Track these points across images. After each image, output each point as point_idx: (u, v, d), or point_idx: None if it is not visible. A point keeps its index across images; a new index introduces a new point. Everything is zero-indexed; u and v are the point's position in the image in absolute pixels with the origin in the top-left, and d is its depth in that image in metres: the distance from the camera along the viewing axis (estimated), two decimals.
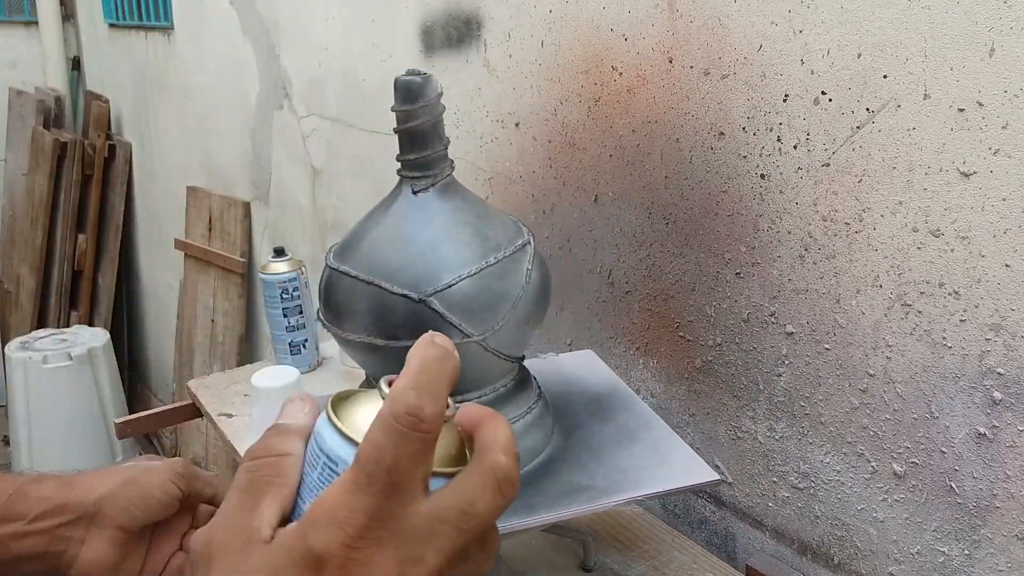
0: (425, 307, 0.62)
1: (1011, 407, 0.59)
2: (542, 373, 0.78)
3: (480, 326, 0.63)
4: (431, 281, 0.62)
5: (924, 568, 0.67)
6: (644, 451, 0.66)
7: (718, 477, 0.62)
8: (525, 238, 0.68)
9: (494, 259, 0.63)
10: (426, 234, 0.65)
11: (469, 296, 0.62)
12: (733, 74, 0.74)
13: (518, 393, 0.69)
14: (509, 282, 0.64)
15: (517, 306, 0.64)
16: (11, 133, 3.31)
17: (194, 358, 2.40)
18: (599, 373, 0.80)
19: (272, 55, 1.75)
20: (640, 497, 0.62)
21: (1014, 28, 0.55)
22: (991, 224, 0.58)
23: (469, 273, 0.62)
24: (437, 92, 0.65)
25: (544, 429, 0.70)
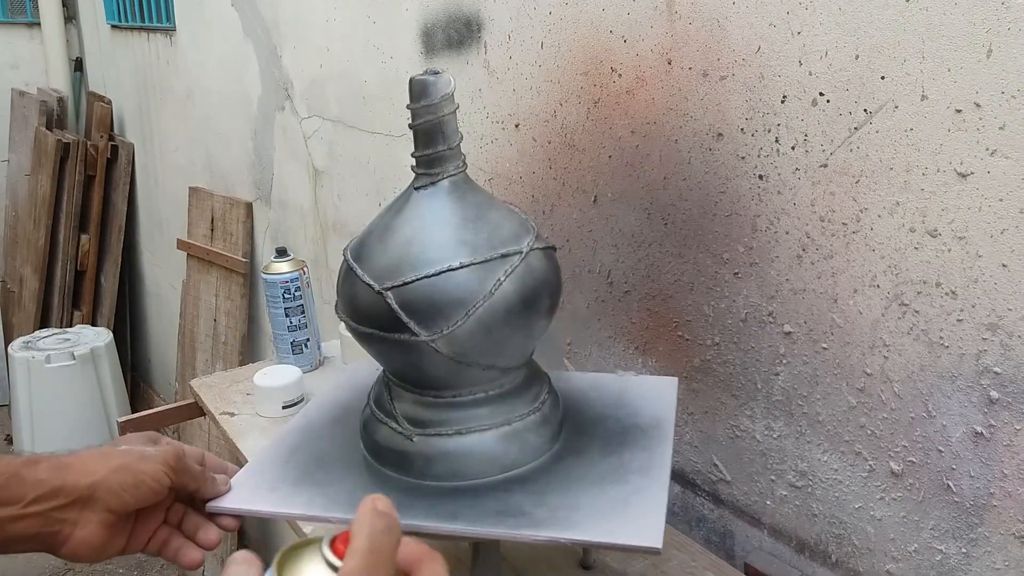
0: (382, 299, 0.64)
1: (1008, 406, 0.59)
2: (603, 390, 0.77)
3: (430, 328, 0.63)
4: (394, 276, 0.64)
5: (921, 566, 0.67)
6: (614, 496, 0.62)
7: (657, 547, 0.56)
8: (519, 248, 0.65)
9: (459, 264, 0.63)
10: (408, 230, 0.66)
11: (423, 296, 0.63)
12: (731, 75, 0.74)
13: (512, 399, 0.68)
14: (470, 289, 0.63)
15: (472, 314, 0.62)
16: (14, 134, 3.32)
17: (196, 357, 2.40)
18: (659, 405, 0.75)
19: (274, 56, 1.76)
20: (561, 540, 0.59)
21: (1011, 29, 0.55)
22: (988, 224, 0.58)
23: (427, 274, 0.63)
24: (442, 93, 0.66)
25: (525, 443, 0.67)
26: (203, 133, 2.30)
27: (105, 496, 0.54)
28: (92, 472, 0.54)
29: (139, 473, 0.55)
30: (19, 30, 3.42)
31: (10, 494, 0.51)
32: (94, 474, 0.54)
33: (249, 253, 2.15)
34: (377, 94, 1.39)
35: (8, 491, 0.51)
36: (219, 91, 2.12)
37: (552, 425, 0.70)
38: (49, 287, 3.08)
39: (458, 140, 0.67)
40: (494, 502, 0.63)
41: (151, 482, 0.55)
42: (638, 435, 0.70)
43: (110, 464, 0.54)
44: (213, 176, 2.30)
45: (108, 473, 0.54)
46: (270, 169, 1.92)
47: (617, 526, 0.59)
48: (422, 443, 0.66)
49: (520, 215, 0.70)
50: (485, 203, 0.69)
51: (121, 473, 0.54)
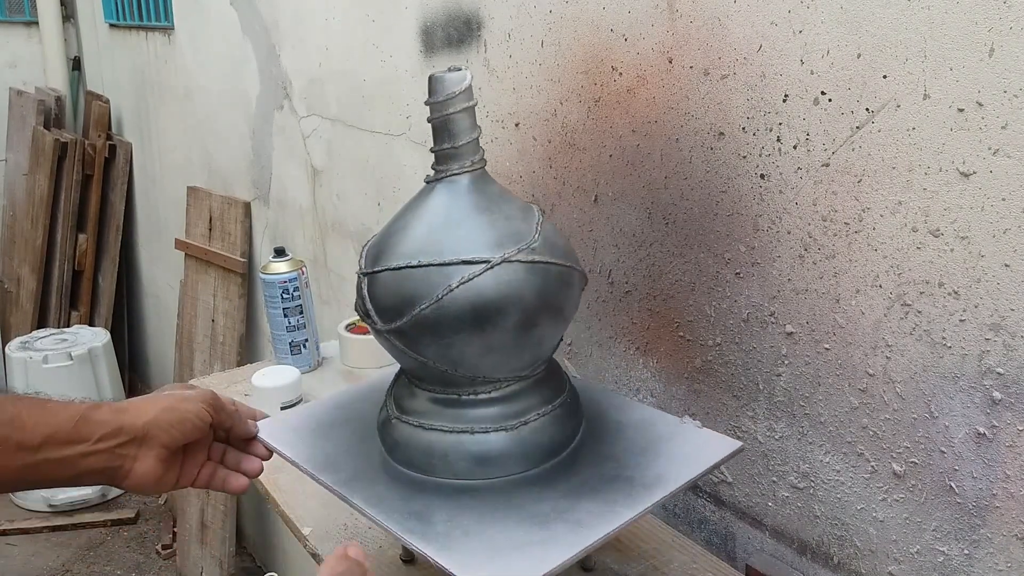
0: (359, 282, 0.69)
1: (1011, 407, 0.59)
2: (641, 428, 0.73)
3: (386, 320, 0.66)
4: (374, 263, 0.67)
5: (923, 568, 0.67)
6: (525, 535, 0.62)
7: (741, 444, 0.65)
8: (486, 257, 0.63)
9: (417, 263, 0.64)
10: (402, 222, 0.68)
11: (386, 287, 0.66)
12: (733, 74, 0.74)
13: (518, 402, 0.68)
14: (422, 291, 0.63)
15: (418, 315, 0.62)
16: (11, 133, 3.31)
17: (194, 358, 2.40)
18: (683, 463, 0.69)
19: (272, 55, 1.75)
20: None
21: (1013, 28, 0.55)
22: (990, 224, 0.58)
23: (391, 266, 0.65)
24: (448, 91, 0.66)
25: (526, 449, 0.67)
26: (201, 132, 2.29)
27: (157, 433, 0.62)
28: (145, 413, 0.62)
29: (184, 411, 0.63)
30: (17, 29, 3.41)
31: (81, 433, 0.59)
32: (147, 414, 0.62)
33: (247, 253, 2.15)
34: (376, 93, 1.39)
35: (79, 431, 0.59)
36: (218, 90, 2.12)
37: (558, 433, 0.69)
38: (47, 287, 3.07)
39: (466, 139, 0.67)
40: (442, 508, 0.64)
41: (194, 419, 0.64)
42: (622, 485, 0.65)
43: (158, 406, 0.63)
44: (211, 175, 2.30)
45: (158, 413, 0.62)
46: (268, 168, 1.92)
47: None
48: (426, 436, 0.67)
49: (525, 222, 0.68)
50: (485, 204, 0.68)
51: (169, 412, 0.63)
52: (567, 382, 0.74)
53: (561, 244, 0.70)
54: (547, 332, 0.67)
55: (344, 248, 1.62)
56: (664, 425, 0.73)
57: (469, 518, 0.62)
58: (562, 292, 0.68)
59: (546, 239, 0.67)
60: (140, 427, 0.61)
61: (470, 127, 0.67)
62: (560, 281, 0.67)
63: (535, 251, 0.66)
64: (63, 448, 0.59)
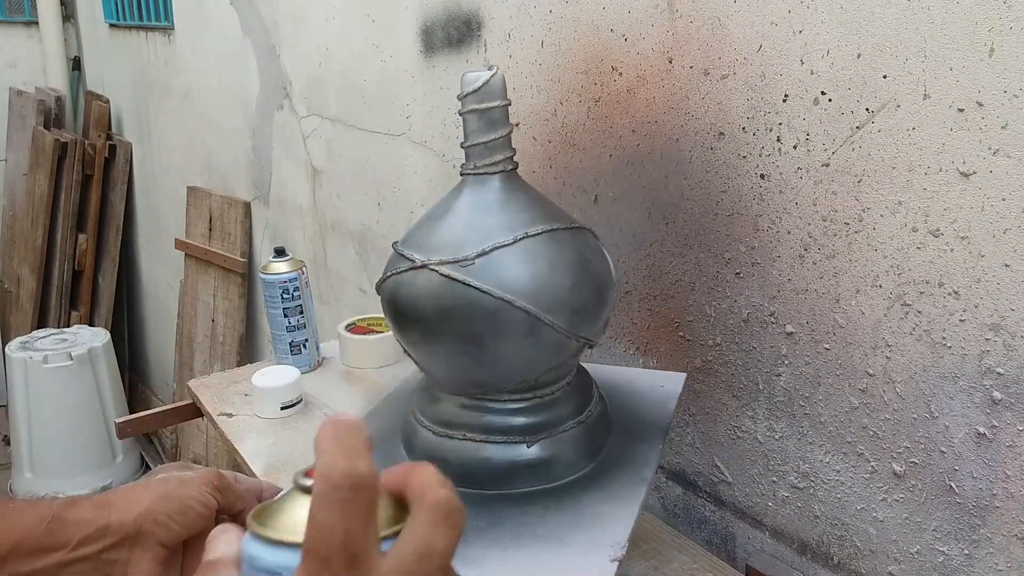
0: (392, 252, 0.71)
1: (1011, 407, 0.59)
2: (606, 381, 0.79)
3: None
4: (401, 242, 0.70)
5: (924, 568, 0.67)
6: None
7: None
8: (422, 259, 0.64)
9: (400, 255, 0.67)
10: (434, 211, 0.70)
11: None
12: (733, 74, 0.74)
13: (549, 411, 0.68)
14: (403, 295, 0.66)
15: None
16: (11, 133, 3.31)
17: (194, 358, 2.40)
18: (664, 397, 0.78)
19: (272, 55, 1.75)
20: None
21: (1014, 28, 0.55)
22: (991, 224, 0.58)
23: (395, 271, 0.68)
24: (464, 92, 0.66)
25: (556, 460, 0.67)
26: (201, 132, 2.29)
27: (153, 528, 0.50)
28: (136, 505, 0.51)
29: (184, 498, 0.52)
30: (17, 29, 3.41)
31: (55, 539, 0.48)
32: (138, 506, 0.51)
33: (247, 253, 2.14)
34: (376, 93, 1.39)
35: (53, 536, 0.48)
36: (218, 90, 2.12)
37: (593, 440, 0.69)
38: (47, 287, 3.07)
39: (475, 140, 0.67)
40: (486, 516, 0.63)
41: (198, 506, 0.52)
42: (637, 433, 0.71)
43: (152, 494, 0.52)
44: (211, 175, 2.30)
45: (152, 504, 0.51)
46: (268, 168, 1.91)
47: None
48: (449, 446, 0.67)
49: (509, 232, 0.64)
50: (483, 205, 0.67)
51: (166, 502, 0.51)
52: (596, 390, 0.74)
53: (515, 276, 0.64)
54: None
55: (344, 248, 1.62)
56: None
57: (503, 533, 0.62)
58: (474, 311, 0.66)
59: None
60: (131, 523, 0.50)
61: (475, 128, 0.67)
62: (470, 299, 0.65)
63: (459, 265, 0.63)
64: (33, 559, 0.47)
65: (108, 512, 0.50)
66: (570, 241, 0.67)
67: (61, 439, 2.67)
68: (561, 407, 0.69)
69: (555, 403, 0.69)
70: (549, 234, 0.65)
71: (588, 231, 0.70)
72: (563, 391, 0.70)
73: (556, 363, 0.67)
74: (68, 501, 0.50)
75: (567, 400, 0.70)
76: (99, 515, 0.50)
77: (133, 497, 0.51)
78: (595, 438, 0.70)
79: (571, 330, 0.64)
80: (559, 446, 0.67)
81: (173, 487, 0.53)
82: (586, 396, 0.72)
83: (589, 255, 0.67)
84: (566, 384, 0.70)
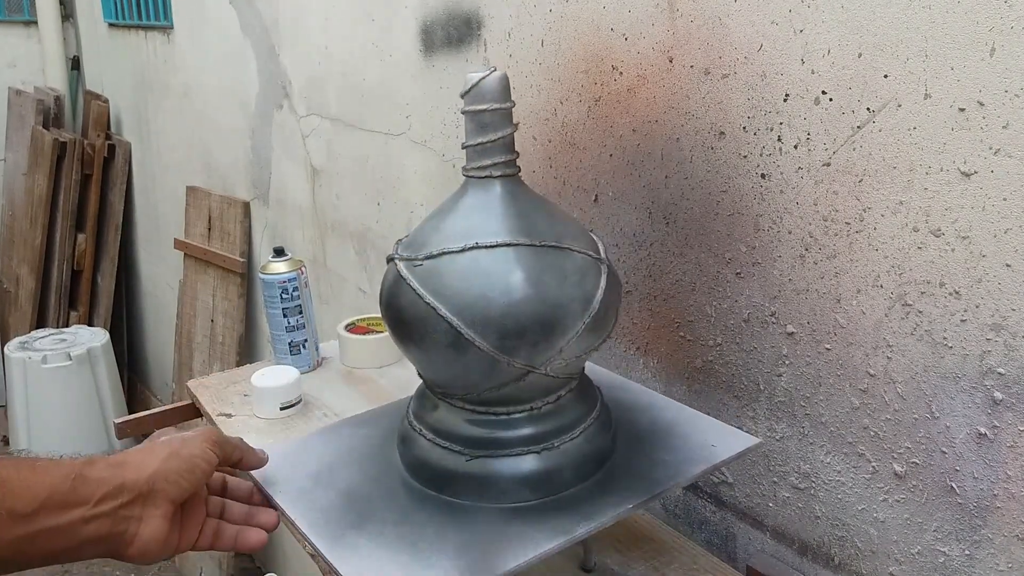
0: None
1: (1012, 407, 0.59)
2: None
3: None
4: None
5: (924, 568, 0.67)
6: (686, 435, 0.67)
7: (760, 440, 0.67)
8: (410, 255, 0.65)
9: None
10: (436, 210, 0.69)
11: None
12: (733, 74, 0.74)
13: (550, 421, 0.67)
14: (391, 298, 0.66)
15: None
16: (10, 133, 3.31)
17: (193, 358, 2.40)
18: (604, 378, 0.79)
19: (272, 54, 1.75)
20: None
21: (1015, 28, 0.54)
22: (992, 224, 0.58)
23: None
24: (462, 92, 0.66)
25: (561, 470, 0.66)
26: (200, 132, 2.29)
27: (164, 486, 0.54)
28: (147, 465, 0.54)
29: (190, 457, 0.56)
30: (16, 28, 3.41)
31: (80, 494, 0.51)
32: (149, 466, 0.54)
33: (247, 253, 2.14)
34: (376, 92, 1.39)
35: (77, 492, 0.51)
36: (217, 90, 2.12)
37: (595, 450, 0.68)
38: (45, 287, 3.07)
39: (469, 141, 0.66)
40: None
41: (202, 463, 0.56)
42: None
43: (160, 455, 0.55)
44: (210, 175, 2.29)
45: (161, 463, 0.54)
46: (268, 168, 1.91)
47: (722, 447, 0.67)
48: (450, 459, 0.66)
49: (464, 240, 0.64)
50: (473, 209, 0.66)
51: (174, 460, 0.55)
52: (599, 396, 0.72)
53: None
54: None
55: (344, 248, 1.62)
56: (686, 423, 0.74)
57: None
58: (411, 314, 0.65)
59: None
60: (144, 481, 0.53)
61: (471, 128, 0.66)
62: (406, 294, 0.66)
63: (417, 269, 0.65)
64: (61, 514, 0.50)
65: (124, 471, 0.53)
66: (532, 260, 0.63)
67: (60, 439, 2.67)
68: (542, 424, 0.66)
69: (542, 418, 0.66)
70: (506, 248, 0.62)
71: (578, 253, 0.65)
72: (550, 407, 0.66)
73: (496, 383, 0.63)
74: (87, 460, 0.53)
75: (547, 419, 0.67)
76: (116, 473, 0.53)
77: (143, 458, 0.55)
78: (591, 458, 0.67)
79: (503, 352, 0.61)
80: (544, 461, 0.65)
81: (179, 446, 0.56)
82: (579, 415, 0.68)
83: (550, 279, 0.62)
84: (550, 402, 0.67)
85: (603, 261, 0.66)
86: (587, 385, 0.72)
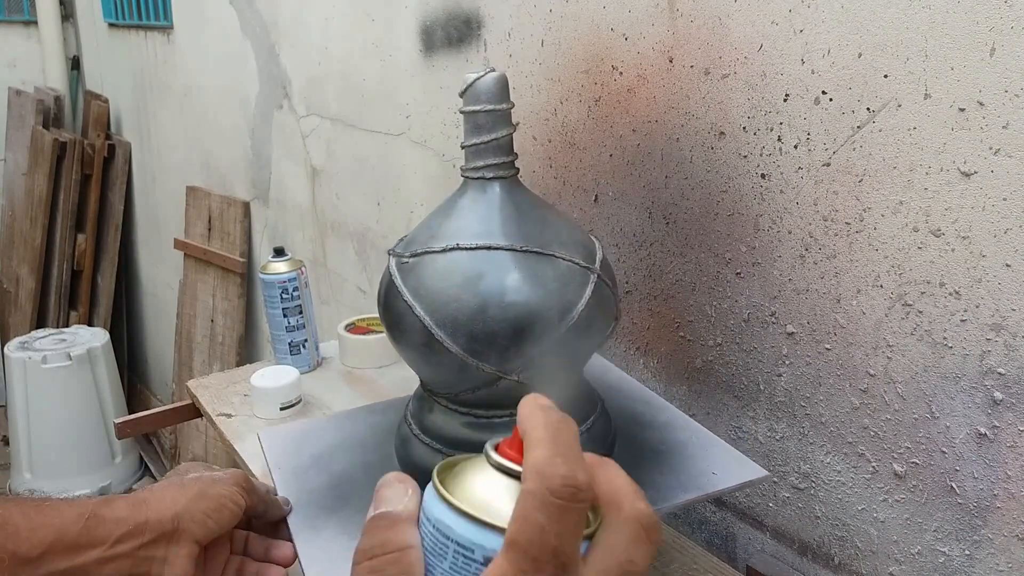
0: None
1: (1012, 407, 0.59)
2: None
3: None
4: None
5: (924, 568, 0.67)
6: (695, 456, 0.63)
7: (766, 473, 0.62)
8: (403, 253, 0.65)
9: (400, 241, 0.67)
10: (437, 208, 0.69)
11: None
12: (733, 74, 0.74)
13: None
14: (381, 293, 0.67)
15: None
16: (10, 132, 3.31)
17: (193, 358, 2.40)
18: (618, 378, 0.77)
19: (272, 54, 1.75)
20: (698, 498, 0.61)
21: (1015, 28, 0.54)
22: (992, 224, 0.58)
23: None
24: (460, 92, 0.65)
25: None
26: (200, 132, 2.29)
27: (190, 526, 0.52)
28: (172, 502, 0.52)
29: (219, 497, 0.54)
30: (16, 28, 3.41)
31: (94, 536, 0.49)
32: (175, 505, 0.52)
33: (247, 253, 2.14)
34: (376, 92, 1.39)
35: (91, 533, 0.49)
36: (217, 90, 2.12)
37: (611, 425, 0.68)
38: (45, 287, 3.07)
39: (468, 141, 0.65)
40: None
41: (232, 505, 0.54)
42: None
43: (188, 493, 0.53)
44: (210, 175, 2.29)
45: (188, 502, 0.52)
46: (268, 168, 1.91)
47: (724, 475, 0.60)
48: None
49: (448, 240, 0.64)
50: (467, 209, 0.66)
51: (202, 500, 0.53)
52: (598, 398, 0.72)
53: None
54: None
55: (344, 248, 1.62)
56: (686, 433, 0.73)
57: None
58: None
59: None
60: (168, 520, 0.51)
61: (468, 129, 0.65)
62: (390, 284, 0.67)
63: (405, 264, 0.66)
64: (74, 556, 0.48)
65: (145, 510, 0.51)
66: (510, 264, 0.61)
67: (60, 439, 2.67)
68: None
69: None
70: (486, 252, 0.61)
71: (564, 260, 0.62)
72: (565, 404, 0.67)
73: (469, 385, 0.62)
74: (105, 499, 0.51)
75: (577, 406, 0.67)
76: (136, 512, 0.50)
77: (169, 495, 0.52)
78: (601, 444, 0.68)
79: (472, 356, 0.60)
80: None
81: (207, 485, 0.54)
82: (589, 408, 0.68)
83: (527, 285, 0.60)
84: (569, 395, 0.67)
85: (593, 271, 0.63)
86: (580, 395, 0.69)
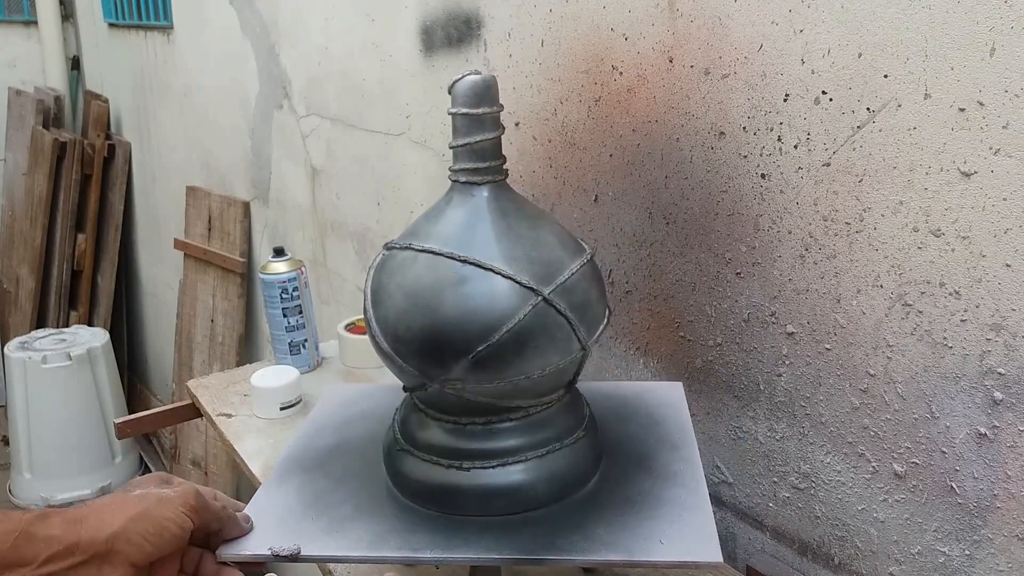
0: None
1: (1012, 407, 0.59)
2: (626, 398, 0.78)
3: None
4: None
5: (924, 568, 0.67)
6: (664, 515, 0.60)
7: (719, 560, 0.55)
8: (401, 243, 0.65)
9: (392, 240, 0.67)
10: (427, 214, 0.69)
11: None
12: (734, 74, 0.74)
13: (546, 428, 0.65)
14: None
15: None
16: (10, 133, 3.31)
17: (193, 358, 2.40)
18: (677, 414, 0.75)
19: (272, 54, 1.75)
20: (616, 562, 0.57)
21: (1015, 28, 0.54)
22: (992, 224, 0.58)
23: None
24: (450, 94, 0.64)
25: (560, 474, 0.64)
26: (200, 132, 2.29)
27: (125, 548, 0.49)
28: (109, 523, 0.49)
29: (160, 519, 0.51)
30: (16, 28, 3.41)
31: (22, 554, 0.47)
32: (111, 525, 0.49)
33: (247, 253, 2.14)
34: (376, 92, 1.39)
35: (19, 551, 0.46)
36: (217, 90, 2.12)
37: (594, 451, 0.68)
38: (45, 287, 3.07)
39: (452, 143, 0.64)
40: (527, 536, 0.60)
41: (174, 528, 0.51)
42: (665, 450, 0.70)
43: (127, 513, 0.50)
44: (210, 175, 2.29)
45: (126, 523, 0.50)
46: (268, 168, 1.91)
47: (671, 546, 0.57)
48: (447, 474, 0.64)
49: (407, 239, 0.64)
50: (445, 210, 0.65)
51: (141, 521, 0.50)
52: (587, 408, 0.71)
53: None
54: None
55: (344, 248, 1.62)
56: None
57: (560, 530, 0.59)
58: None
59: None
60: (102, 542, 0.48)
61: (455, 130, 0.64)
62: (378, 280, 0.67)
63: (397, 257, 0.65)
64: None
65: (79, 528, 0.48)
66: (444, 273, 0.60)
67: (60, 440, 2.67)
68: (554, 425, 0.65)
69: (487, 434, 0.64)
70: (431, 256, 0.61)
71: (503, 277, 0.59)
72: (518, 422, 0.64)
73: (411, 384, 0.64)
74: (39, 515, 0.48)
75: (562, 417, 0.66)
76: (69, 531, 0.48)
77: (107, 514, 0.50)
78: (588, 455, 0.67)
79: (397, 356, 0.61)
80: (521, 475, 0.63)
81: (151, 505, 0.51)
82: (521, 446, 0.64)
83: (451, 296, 0.58)
84: (518, 418, 0.64)
85: (538, 292, 0.59)
86: (553, 416, 0.66)
